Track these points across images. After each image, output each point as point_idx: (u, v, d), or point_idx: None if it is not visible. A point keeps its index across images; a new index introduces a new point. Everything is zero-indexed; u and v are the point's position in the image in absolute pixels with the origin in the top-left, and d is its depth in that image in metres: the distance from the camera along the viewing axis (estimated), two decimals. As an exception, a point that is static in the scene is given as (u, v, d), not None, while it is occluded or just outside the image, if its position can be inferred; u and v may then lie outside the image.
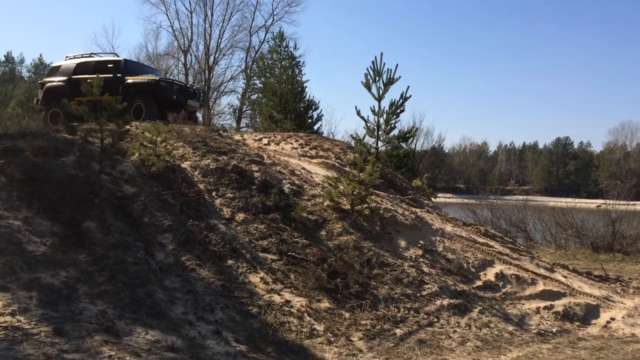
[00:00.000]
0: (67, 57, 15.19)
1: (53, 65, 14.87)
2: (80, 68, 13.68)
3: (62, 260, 5.95)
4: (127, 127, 7.92)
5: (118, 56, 16.20)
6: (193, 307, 6.12)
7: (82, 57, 14.75)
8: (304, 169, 11.49)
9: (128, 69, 13.55)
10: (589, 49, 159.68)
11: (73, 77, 13.52)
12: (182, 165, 8.97)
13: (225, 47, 40.12)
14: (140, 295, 5.92)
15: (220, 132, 10.91)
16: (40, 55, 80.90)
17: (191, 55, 39.80)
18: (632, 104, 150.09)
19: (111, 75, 12.96)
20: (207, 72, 39.12)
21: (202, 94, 14.44)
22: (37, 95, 14.80)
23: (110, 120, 7.66)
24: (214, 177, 8.96)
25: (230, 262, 7.23)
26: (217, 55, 39.67)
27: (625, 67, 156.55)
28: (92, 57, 14.76)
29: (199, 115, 14.00)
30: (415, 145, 38.21)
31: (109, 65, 13.35)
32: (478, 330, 7.46)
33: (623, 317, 8.71)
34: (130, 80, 13.09)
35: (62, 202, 6.92)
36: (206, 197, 8.44)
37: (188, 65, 39.53)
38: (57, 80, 13.87)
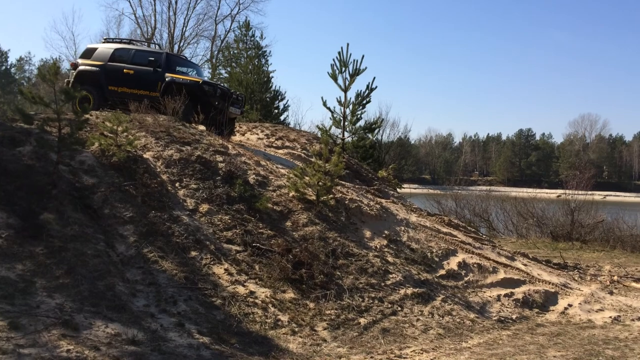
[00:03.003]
0: (104, 39, 14.25)
1: (89, 46, 13.65)
2: (118, 55, 12.66)
3: (19, 253, 5.78)
4: (86, 116, 7.72)
5: (161, 48, 15.28)
6: (155, 300, 6.04)
7: (120, 42, 13.78)
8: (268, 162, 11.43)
9: (170, 64, 12.49)
10: (551, 43, 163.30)
11: (109, 63, 12.53)
12: (145, 156, 8.81)
13: (190, 36, 39.43)
14: (100, 288, 5.81)
15: (184, 122, 10.65)
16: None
17: (154, 44, 39.00)
18: (591, 96, 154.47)
19: (151, 69, 12.13)
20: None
21: (244, 100, 13.38)
22: (68, 77, 13.67)
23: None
24: (177, 168, 8.82)
25: (193, 253, 7.15)
26: (181, 44, 38.92)
27: (586, 60, 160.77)
28: (132, 44, 13.74)
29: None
30: (382, 136, 38.45)
31: (149, 58, 12.28)
32: (441, 318, 7.57)
33: (580, 304, 8.97)
34: (170, 77, 12.00)
35: (18, 193, 6.72)
36: (169, 188, 8.31)
37: (152, 54, 38.71)
38: (91, 64, 12.74)
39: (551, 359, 6.22)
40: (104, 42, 13.72)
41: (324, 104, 16.63)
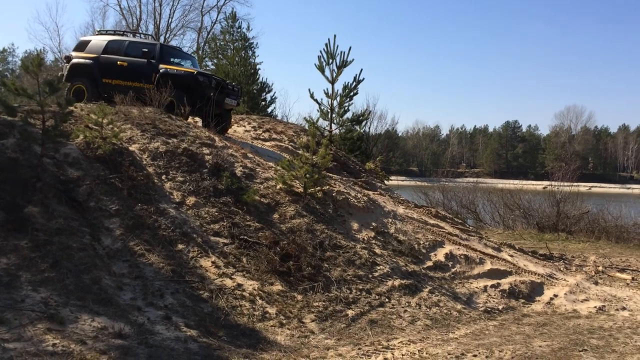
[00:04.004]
0: (98, 31, 13.99)
1: (82, 39, 13.42)
2: (112, 47, 12.45)
3: (3, 247, 5.71)
4: (71, 108, 7.63)
5: (154, 39, 15.07)
6: (142, 293, 6.00)
7: (114, 34, 13.55)
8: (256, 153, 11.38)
9: (164, 55, 12.23)
10: (536, 35, 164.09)
11: (102, 55, 12.34)
12: (130, 148, 8.73)
13: (176, 27, 39.08)
14: (86, 281, 5.77)
15: (171, 115, 10.55)
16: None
17: (140, 35, 38.61)
18: (577, 88, 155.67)
19: (145, 60, 11.87)
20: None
21: (240, 92, 13.09)
22: (61, 70, 13.25)
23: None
24: (163, 161, 8.76)
25: (180, 246, 7.11)
26: (167, 35, 38.56)
27: (571, 52, 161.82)
28: (126, 35, 13.56)
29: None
30: (369, 128, 38.52)
31: (143, 49, 12.00)
32: (428, 310, 7.62)
33: (565, 294, 9.07)
34: (164, 69, 11.78)
35: (2, 186, 6.62)
36: (155, 180, 8.25)
37: (138, 46, 38.30)
38: (84, 56, 12.55)
39: (537, 349, 6.28)
40: (97, 34, 13.51)
41: (311, 96, 16.56)
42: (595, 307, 8.56)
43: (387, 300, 7.57)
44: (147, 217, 7.29)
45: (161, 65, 11.82)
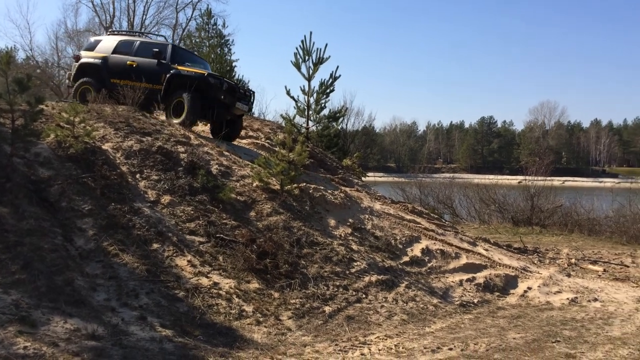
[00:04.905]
0: (109, 31, 13.73)
1: (93, 39, 13.08)
2: (122, 46, 12.07)
3: (-29, 249, 5.58)
4: (41, 106, 7.48)
5: (166, 40, 14.69)
6: (116, 294, 5.93)
7: (126, 34, 13.13)
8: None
9: (175, 56, 11.76)
10: (510, 31, 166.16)
11: (112, 55, 11.98)
12: (103, 147, 8.60)
13: (150, 24, 38.54)
14: (58, 283, 5.67)
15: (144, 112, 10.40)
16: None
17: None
18: (550, 84, 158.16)
19: (155, 61, 11.48)
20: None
21: (252, 96, 12.62)
22: (70, 70, 12.82)
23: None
24: (137, 159, 8.65)
25: (155, 246, 7.03)
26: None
27: (545, 48, 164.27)
28: (137, 35, 13.12)
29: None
30: (347, 125, 38.59)
31: (153, 49, 11.60)
32: (404, 304, 7.67)
33: (539, 287, 9.22)
34: (174, 70, 11.33)
35: (-31, 187, 6.48)
36: (129, 179, 8.15)
37: (111, 43, 37.68)
38: (93, 56, 12.19)
39: (511, 341, 6.38)
40: (109, 35, 13.17)
41: (288, 92, 16.54)
42: (567, 299, 8.72)
43: (364, 296, 7.60)
44: (121, 217, 7.19)
45: (172, 67, 11.43)
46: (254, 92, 12.36)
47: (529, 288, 9.14)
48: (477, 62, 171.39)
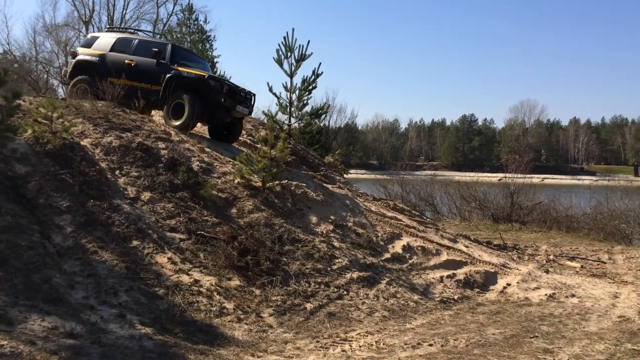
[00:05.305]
0: (108, 28, 13.26)
1: (90, 35, 12.65)
2: (120, 44, 11.73)
3: (-55, 247, 5.48)
4: (18, 101, 7.35)
5: (166, 39, 14.28)
6: (95, 291, 5.86)
7: (125, 31, 12.72)
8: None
9: (174, 57, 11.39)
10: (491, 30, 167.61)
11: (110, 53, 11.63)
12: (82, 143, 8.49)
13: (130, 19, 38.13)
14: (35, 280, 5.59)
15: (124, 108, 10.26)
16: None
17: (93, 26, 37.35)
18: (530, 83, 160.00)
19: (154, 61, 11.14)
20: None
21: (253, 99, 12.25)
22: (66, 66, 12.57)
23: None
24: (117, 155, 8.55)
25: (135, 243, 6.97)
26: (122, 27, 37.63)
27: (525, 47, 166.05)
28: (136, 33, 12.73)
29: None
30: (329, 122, 38.59)
31: (153, 49, 11.23)
32: (385, 301, 7.71)
33: (518, 283, 9.33)
34: (174, 71, 11.00)
35: (-57, 183, 6.35)
36: (109, 176, 8.05)
37: (91, 38, 37.11)
38: (90, 53, 11.79)
39: (490, 337, 6.45)
40: (107, 31, 12.79)
41: (270, 89, 16.48)
42: (546, 294, 8.84)
43: (345, 292, 7.62)
44: (100, 214, 7.11)
45: (171, 67, 11.12)
46: (254, 95, 12.05)
47: (508, 284, 9.24)
48: (459, 60, 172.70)
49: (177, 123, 10.63)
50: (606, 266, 11.62)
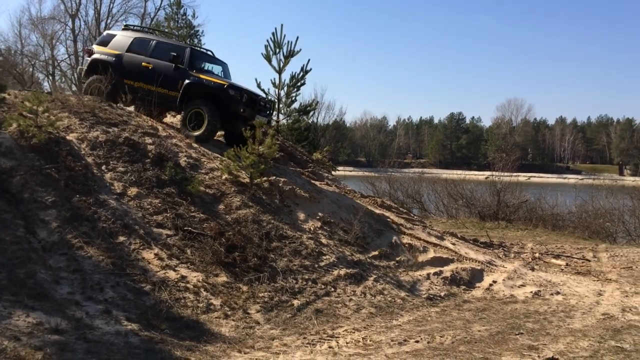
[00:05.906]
0: (125, 26, 12.70)
1: (107, 32, 12.30)
2: (137, 45, 11.38)
3: None
4: (3, 95, 7.27)
5: (186, 42, 13.91)
6: (80, 287, 5.82)
7: (142, 30, 12.45)
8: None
9: (193, 61, 11.08)
10: (479, 29, 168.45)
11: (126, 53, 11.30)
12: (68, 137, 8.41)
13: (117, 13, 37.76)
14: (20, 275, 5.54)
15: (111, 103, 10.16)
16: None
17: (80, 20, 37.03)
18: (517, 81, 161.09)
19: (172, 65, 10.79)
20: (97, 39, 36.60)
21: (272, 108, 11.82)
22: (82, 64, 12.00)
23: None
24: (103, 150, 8.48)
25: (121, 238, 6.92)
26: (108, 21, 37.18)
27: (512, 46, 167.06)
28: (154, 33, 12.43)
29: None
30: (317, 118, 38.58)
31: (171, 52, 10.86)
32: (372, 298, 7.73)
33: (504, 280, 9.40)
34: (193, 78, 10.68)
35: None
36: (95, 171, 7.99)
37: (77, 31, 36.79)
38: (107, 52, 11.46)
39: (476, 333, 6.49)
40: (123, 30, 12.48)
41: (258, 85, 16.44)
42: (531, 292, 8.91)
43: (332, 289, 7.63)
44: (86, 209, 7.05)
45: (190, 72, 10.81)
46: (274, 102, 11.69)
47: (494, 281, 9.30)
48: (447, 58, 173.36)
49: (196, 134, 10.43)
50: (591, 264, 11.74)
